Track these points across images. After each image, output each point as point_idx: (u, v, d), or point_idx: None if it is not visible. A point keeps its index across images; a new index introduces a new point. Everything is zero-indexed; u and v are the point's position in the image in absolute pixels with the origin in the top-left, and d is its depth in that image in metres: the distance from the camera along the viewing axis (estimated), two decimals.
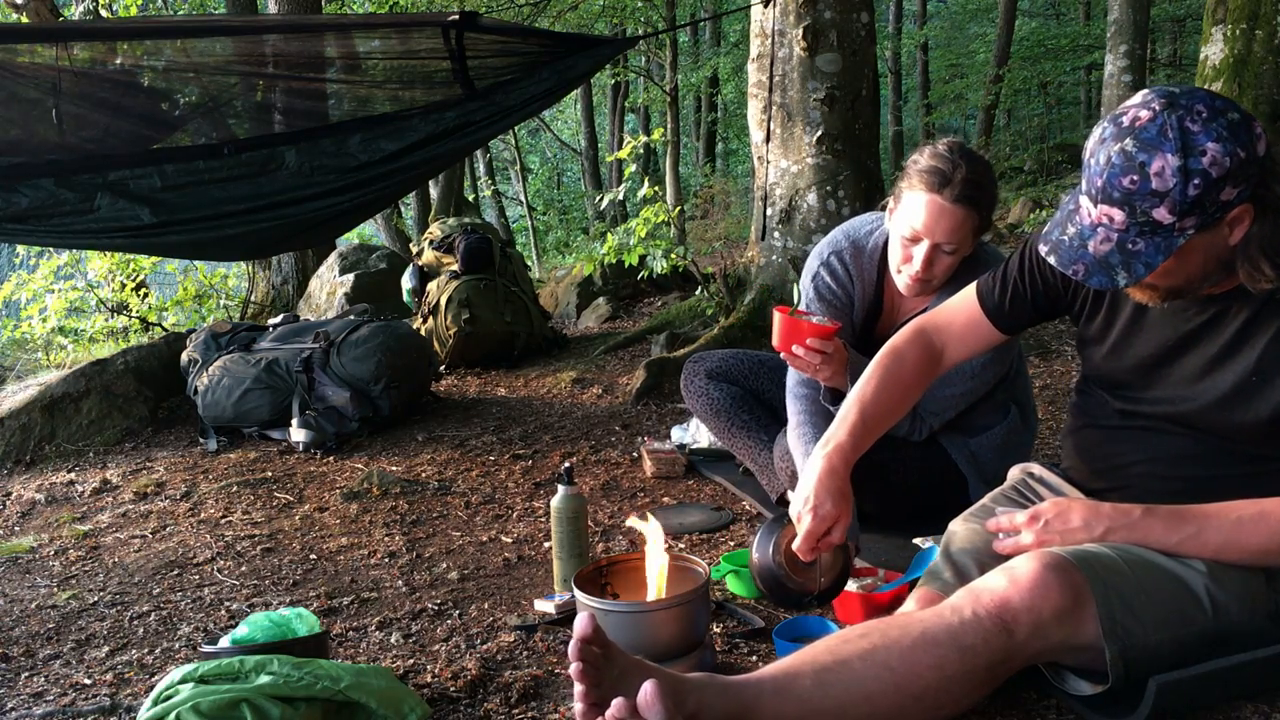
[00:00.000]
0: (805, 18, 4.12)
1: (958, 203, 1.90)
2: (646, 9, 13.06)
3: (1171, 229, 1.24)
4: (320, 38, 3.33)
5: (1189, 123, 1.21)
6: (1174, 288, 1.36)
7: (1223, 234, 1.28)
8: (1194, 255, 1.29)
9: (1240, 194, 1.23)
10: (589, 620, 1.20)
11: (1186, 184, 1.20)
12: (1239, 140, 1.21)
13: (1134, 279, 1.27)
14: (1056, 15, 19.39)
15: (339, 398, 3.46)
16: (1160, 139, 1.21)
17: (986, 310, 1.67)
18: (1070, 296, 1.59)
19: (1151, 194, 1.22)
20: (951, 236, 1.93)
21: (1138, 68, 8.01)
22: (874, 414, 1.61)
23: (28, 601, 2.23)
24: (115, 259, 6.80)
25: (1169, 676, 1.27)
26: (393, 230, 11.51)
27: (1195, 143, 1.20)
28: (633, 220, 4.90)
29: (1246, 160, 1.21)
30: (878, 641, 1.25)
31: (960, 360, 1.74)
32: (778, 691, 1.22)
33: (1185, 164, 1.20)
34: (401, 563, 2.28)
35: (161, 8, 11.23)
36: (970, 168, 1.91)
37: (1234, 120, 1.22)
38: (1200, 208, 1.22)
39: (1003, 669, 1.27)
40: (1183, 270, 1.32)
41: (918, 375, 1.69)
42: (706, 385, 2.51)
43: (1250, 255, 1.29)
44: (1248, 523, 1.32)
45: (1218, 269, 1.33)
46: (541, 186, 23.13)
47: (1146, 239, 1.26)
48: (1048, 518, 1.39)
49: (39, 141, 2.77)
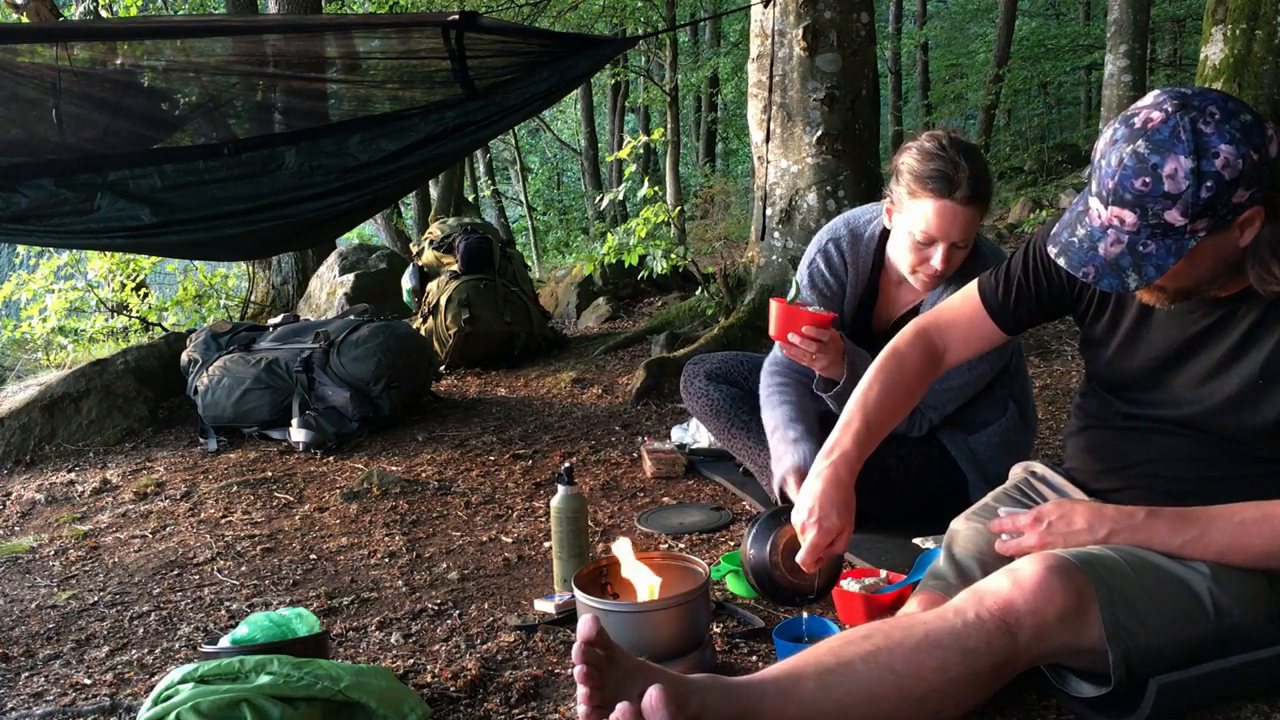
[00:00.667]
0: (805, 18, 4.13)
1: (969, 203, 1.92)
2: (646, 9, 13.06)
3: (1183, 231, 1.24)
4: (320, 38, 3.33)
5: (1202, 124, 1.20)
6: (1183, 289, 1.36)
7: (1234, 236, 1.28)
8: (1204, 257, 1.29)
9: (1253, 196, 1.23)
10: (593, 622, 1.20)
11: (1200, 186, 1.20)
12: (1252, 142, 1.21)
13: (1145, 281, 1.27)
14: (1056, 15, 19.39)
15: (339, 398, 3.46)
16: (1173, 141, 1.21)
17: (990, 309, 1.66)
18: (1075, 296, 1.59)
19: (1164, 196, 1.21)
20: (966, 234, 1.97)
21: (1138, 68, 8.01)
22: (878, 419, 1.61)
23: (28, 601, 2.23)
24: (115, 259, 6.80)
25: (1169, 677, 1.27)
26: (393, 230, 11.51)
27: (1208, 145, 1.20)
28: (633, 220, 4.90)
29: (1259, 162, 1.21)
30: (880, 643, 1.25)
31: (962, 360, 1.74)
32: (780, 693, 1.22)
33: (1198, 166, 1.19)
34: (401, 563, 2.28)
35: (161, 8, 11.22)
36: (970, 163, 1.92)
37: (1247, 122, 1.22)
38: (1213, 210, 1.22)
39: (1006, 671, 1.27)
40: (1193, 272, 1.32)
41: (919, 377, 1.68)
42: (706, 386, 2.51)
43: (1260, 257, 1.29)
44: (1251, 525, 1.32)
45: (1227, 271, 1.33)
46: (541, 186, 23.13)
47: (1158, 241, 1.25)
48: (1051, 519, 1.39)
49: (39, 141, 2.77)
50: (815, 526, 1.48)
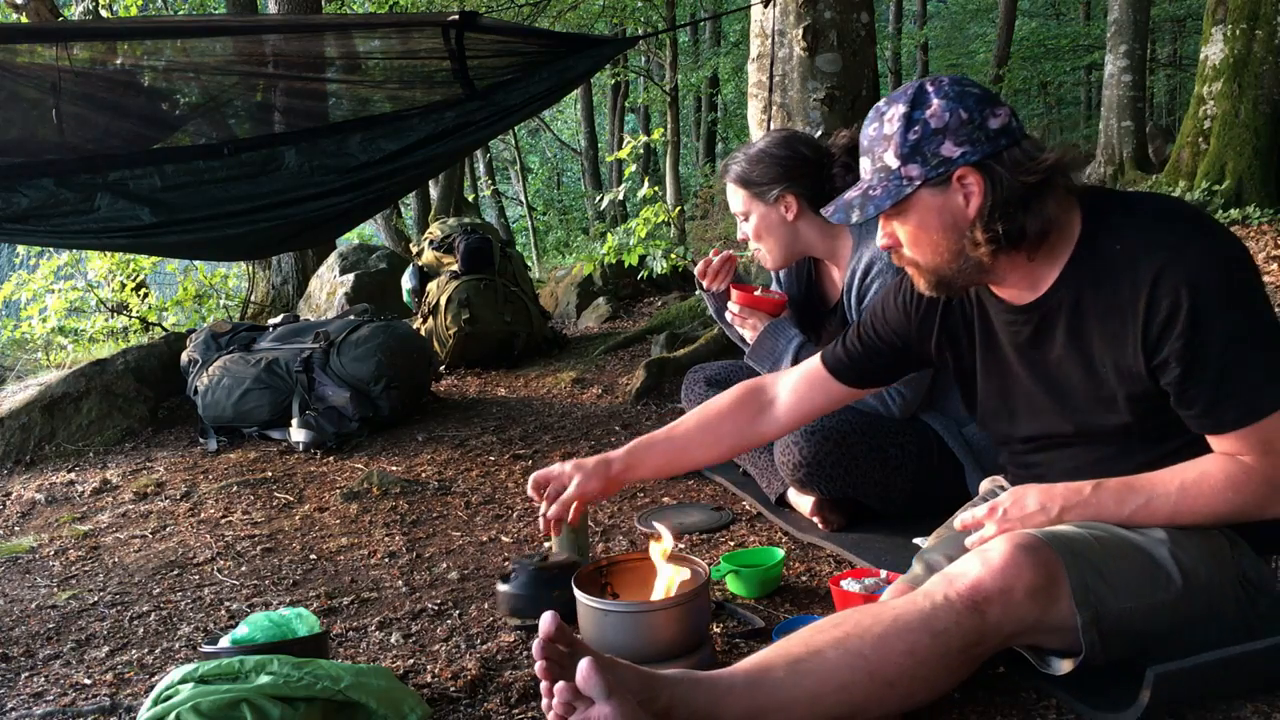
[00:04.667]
0: (805, 18, 4.13)
1: (726, 179, 2.26)
2: (646, 9, 13.07)
3: (899, 175, 1.38)
4: (320, 38, 3.33)
5: (929, 85, 1.38)
6: (933, 268, 1.44)
7: (956, 200, 1.37)
8: (930, 217, 1.39)
9: (965, 155, 1.34)
10: (552, 619, 1.22)
11: (908, 129, 1.36)
12: (965, 105, 1.35)
13: (864, 215, 1.40)
14: (1056, 15, 19.39)
15: (339, 398, 3.46)
16: (901, 94, 1.39)
17: (824, 360, 1.78)
18: (919, 330, 1.66)
19: (883, 138, 1.39)
20: (738, 208, 2.24)
21: (1138, 68, 8.01)
22: (665, 439, 1.82)
23: (28, 601, 2.23)
24: (115, 259, 6.80)
25: (1167, 666, 1.27)
26: (393, 230, 11.50)
27: (925, 99, 1.36)
28: (633, 220, 4.90)
29: (970, 123, 1.34)
30: (850, 630, 1.26)
31: (796, 414, 1.82)
32: (751, 683, 1.23)
33: (909, 112, 1.36)
34: (401, 563, 2.28)
35: (161, 8, 11.22)
36: (747, 151, 2.22)
37: (970, 92, 1.36)
38: (920, 155, 1.36)
39: (978, 651, 1.28)
40: (927, 238, 1.41)
41: (731, 418, 1.81)
42: (706, 392, 2.54)
43: (978, 222, 1.37)
44: (1190, 486, 1.35)
45: (967, 251, 1.40)
46: (541, 186, 23.13)
47: (883, 185, 1.40)
48: (1005, 506, 1.43)
49: (39, 141, 2.76)
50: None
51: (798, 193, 2.18)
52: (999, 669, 1.45)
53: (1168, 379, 1.33)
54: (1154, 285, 1.30)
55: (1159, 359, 1.33)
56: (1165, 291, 1.29)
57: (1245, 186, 5.74)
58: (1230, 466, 1.33)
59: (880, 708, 1.25)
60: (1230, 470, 1.33)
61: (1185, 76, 13.05)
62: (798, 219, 2.21)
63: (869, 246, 2.14)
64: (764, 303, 2.32)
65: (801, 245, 2.26)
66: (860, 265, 2.15)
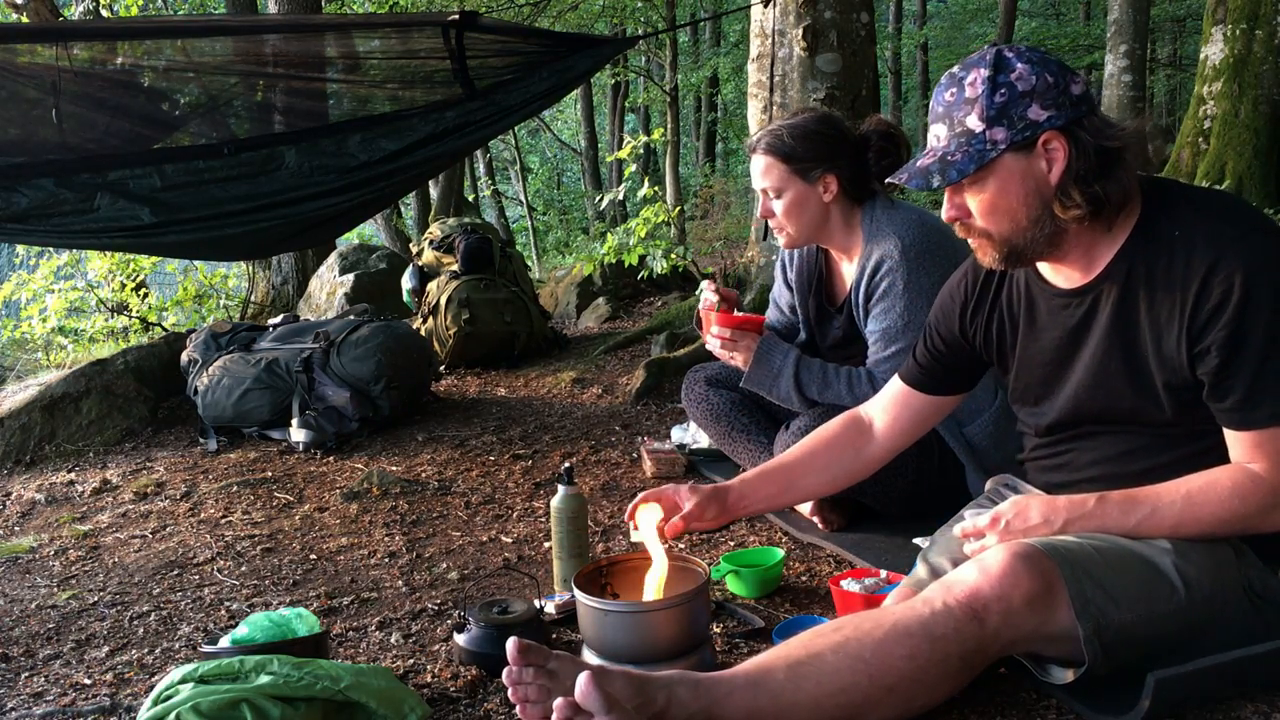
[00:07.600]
0: (805, 18, 4.12)
1: (757, 152, 2.19)
2: (646, 9, 13.06)
3: (983, 138, 1.34)
4: (320, 37, 3.33)
5: (1007, 52, 1.36)
6: (1006, 237, 1.41)
7: (1039, 165, 1.35)
8: (1012, 183, 1.36)
9: (1051, 119, 1.32)
10: (516, 643, 1.25)
11: (994, 92, 1.33)
12: (1049, 69, 1.33)
13: (946, 181, 1.37)
14: (1056, 15, 19.37)
15: (339, 398, 3.46)
16: (979, 60, 1.37)
17: (902, 376, 1.76)
18: (962, 323, 1.64)
19: (965, 102, 1.36)
20: (768, 181, 2.18)
21: (1138, 68, 8.01)
22: (778, 466, 1.79)
23: (28, 601, 2.23)
24: (115, 259, 6.80)
25: (1167, 671, 1.27)
26: (393, 230, 11.50)
27: (1008, 63, 1.34)
28: (633, 220, 4.90)
29: (1055, 86, 1.32)
30: (850, 634, 1.26)
31: (894, 434, 1.79)
32: (750, 685, 1.23)
33: (994, 76, 1.34)
34: (401, 563, 2.28)
35: (161, 8, 11.22)
36: (778, 124, 2.18)
37: (1050, 58, 1.35)
38: (1007, 118, 1.33)
39: (977, 658, 1.28)
40: (1006, 204, 1.37)
41: (839, 442, 1.78)
42: (706, 391, 2.54)
43: (1064, 187, 1.35)
44: (1197, 495, 1.34)
45: (1045, 220, 1.37)
46: (541, 186, 23.12)
47: (963, 150, 1.36)
48: (1007, 518, 1.41)
49: (39, 141, 2.77)
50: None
51: (838, 174, 2.15)
52: (999, 670, 1.45)
53: (1205, 368, 1.32)
54: (1209, 272, 1.29)
55: (1200, 346, 1.31)
56: (1219, 280, 1.28)
57: (1245, 186, 5.74)
58: (1239, 475, 1.32)
59: (880, 712, 1.25)
60: (1239, 479, 1.32)
61: (1185, 76, 13.05)
62: (834, 201, 2.18)
63: (880, 245, 2.13)
64: (749, 321, 2.30)
65: (827, 230, 2.22)
66: (870, 263, 2.14)
